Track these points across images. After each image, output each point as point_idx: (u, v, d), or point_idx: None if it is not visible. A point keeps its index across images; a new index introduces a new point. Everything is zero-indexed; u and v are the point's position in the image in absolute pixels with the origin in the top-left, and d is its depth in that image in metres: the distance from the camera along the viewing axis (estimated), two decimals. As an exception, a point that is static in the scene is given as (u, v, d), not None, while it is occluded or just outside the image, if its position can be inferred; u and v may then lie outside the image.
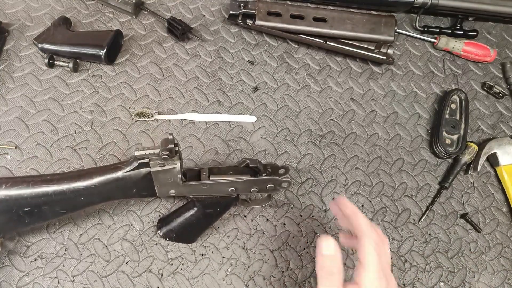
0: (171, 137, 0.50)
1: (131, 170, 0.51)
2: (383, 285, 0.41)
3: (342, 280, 0.41)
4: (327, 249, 0.42)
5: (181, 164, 0.53)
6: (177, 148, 0.51)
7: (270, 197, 0.62)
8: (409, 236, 0.68)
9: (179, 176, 0.53)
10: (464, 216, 0.71)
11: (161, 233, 0.62)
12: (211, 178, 0.56)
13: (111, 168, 0.52)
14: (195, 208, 0.59)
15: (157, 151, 0.50)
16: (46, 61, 0.72)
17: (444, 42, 0.82)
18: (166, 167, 0.51)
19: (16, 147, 0.67)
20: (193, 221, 0.60)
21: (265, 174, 0.57)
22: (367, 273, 0.41)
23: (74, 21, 0.78)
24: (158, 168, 0.51)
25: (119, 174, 0.52)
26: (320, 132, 0.75)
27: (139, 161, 0.51)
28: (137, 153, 0.50)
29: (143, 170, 0.52)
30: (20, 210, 0.51)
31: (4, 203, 0.51)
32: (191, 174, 0.57)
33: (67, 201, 0.52)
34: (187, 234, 0.62)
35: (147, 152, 0.50)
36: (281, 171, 0.59)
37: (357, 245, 0.44)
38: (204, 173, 0.56)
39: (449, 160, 0.75)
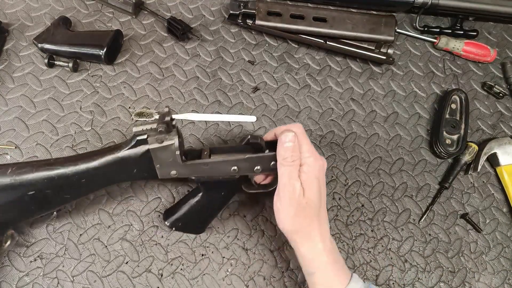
0: (167, 109, 0.49)
1: (130, 148, 0.51)
2: (316, 153, 0.54)
3: (298, 165, 0.52)
4: (289, 141, 0.51)
5: (181, 142, 0.51)
6: (174, 122, 0.50)
7: (276, 180, 0.58)
8: (409, 236, 0.68)
9: (177, 153, 0.51)
10: (464, 216, 0.71)
11: (168, 223, 0.60)
12: (212, 157, 0.54)
13: (112, 148, 0.52)
14: (200, 194, 0.58)
15: (155, 126, 0.49)
16: (46, 61, 0.72)
17: (444, 42, 0.82)
18: (164, 143, 0.50)
19: (16, 147, 0.67)
20: (198, 208, 0.59)
21: (267, 151, 0.54)
22: (304, 154, 0.52)
23: (74, 21, 0.78)
24: (156, 145, 0.50)
25: (119, 153, 0.52)
26: (320, 132, 0.75)
27: (137, 137, 0.50)
28: (135, 129, 0.50)
29: (142, 148, 0.51)
30: (25, 195, 0.52)
31: (10, 188, 0.51)
32: (193, 155, 0.55)
33: (70, 184, 0.53)
34: (193, 222, 0.61)
35: (145, 127, 0.49)
36: None
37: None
38: (205, 153, 0.55)
39: (449, 160, 0.75)
